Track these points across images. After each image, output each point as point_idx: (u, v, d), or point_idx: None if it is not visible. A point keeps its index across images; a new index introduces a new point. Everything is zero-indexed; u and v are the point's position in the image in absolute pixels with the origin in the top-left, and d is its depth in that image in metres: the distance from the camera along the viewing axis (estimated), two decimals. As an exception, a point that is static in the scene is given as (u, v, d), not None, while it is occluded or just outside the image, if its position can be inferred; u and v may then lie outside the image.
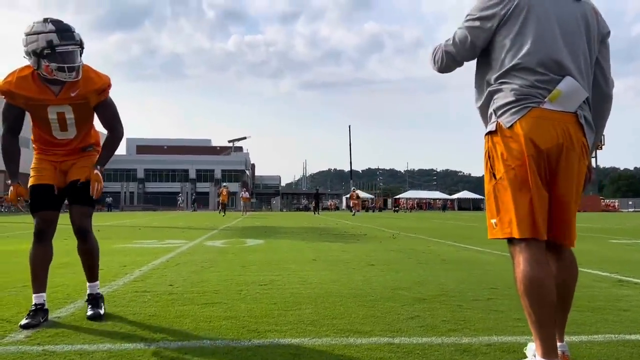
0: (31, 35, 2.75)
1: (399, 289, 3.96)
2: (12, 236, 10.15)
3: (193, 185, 64.33)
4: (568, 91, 1.93)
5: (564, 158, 1.93)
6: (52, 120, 2.93)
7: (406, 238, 9.80)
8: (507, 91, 1.98)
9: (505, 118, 1.95)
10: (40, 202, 2.97)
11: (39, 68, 2.78)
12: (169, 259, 5.93)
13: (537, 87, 1.93)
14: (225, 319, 2.96)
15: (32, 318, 2.79)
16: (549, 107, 1.92)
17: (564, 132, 1.92)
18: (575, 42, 1.99)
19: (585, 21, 2.02)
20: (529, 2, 1.98)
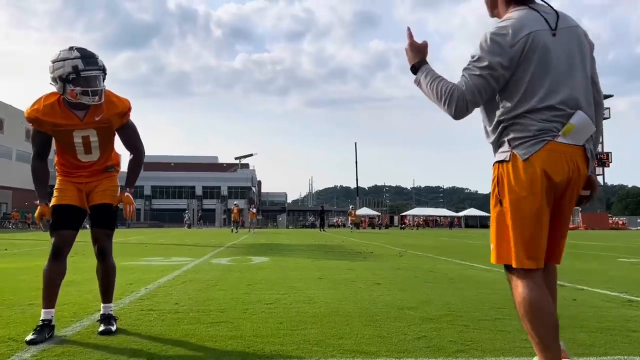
0: (58, 62, 2.90)
1: (405, 308, 3.94)
2: (19, 253, 10.19)
3: (199, 202, 64.42)
4: (580, 125, 1.97)
5: (569, 191, 2.01)
6: (78, 144, 3.05)
7: (413, 256, 9.75)
8: (524, 125, 1.99)
9: (522, 150, 1.97)
10: (61, 221, 3.07)
11: (64, 93, 2.91)
12: (175, 277, 5.93)
13: (553, 122, 1.97)
14: (231, 338, 2.96)
15: (39, 334, 2.82)
16: (562, 141, 1.96)
17: (574, 165, 1.98)
18: (580, 74, 2.03)
19: (581, 47, 2.07)
20: (539, 43, 1.99)
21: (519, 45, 1.98)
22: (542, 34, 2.00)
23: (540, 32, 2.00)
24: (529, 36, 1.98)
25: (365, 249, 12.33)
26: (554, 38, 2.02)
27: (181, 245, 13.90)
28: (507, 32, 1.99)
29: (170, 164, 72.52)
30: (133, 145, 3.23)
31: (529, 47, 1.98)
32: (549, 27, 2.02)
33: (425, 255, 10.11)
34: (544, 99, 1.97)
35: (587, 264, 8.32)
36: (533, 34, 1.99)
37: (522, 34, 1.98)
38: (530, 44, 1.98)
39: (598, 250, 12.36)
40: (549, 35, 2.01)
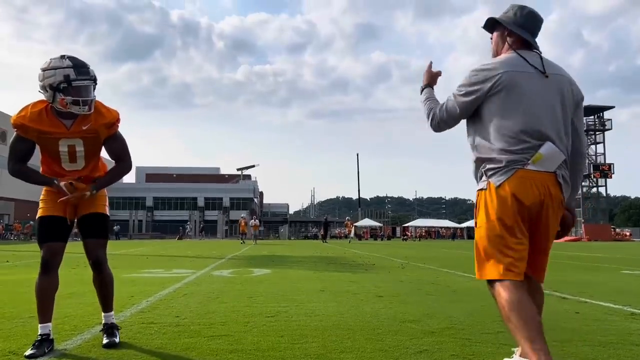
0: (49, 70, 2.87)
1: (407, 321, 3.92)
2: (20, 265, 10.18)
3: (201, 213, 64.43)
4: (548, 154, 2.23)
5: (544, 212, 2.25)
6: (63, 152, 3.00)
7: (415, 268, 9.72)
8: (496, 156, 2.27)
9: (495, 178, 2.26)
10: (48, 233, 3.01)
11: (54, 102, 2.87)
12: (176, 289, 5.92)
13: (522, 153, 2.23)
14: (232, 352, 2.94)
15: (37, 349, 2.80)
16: (532, 168, 2.23)
17: (545, 189, 2.22)
18: (552, 112, 2.29)
19: (561, 92, 2.32)
20: (511, 80, 2.27)
21: (492, 80, 2.28)
22: (517, 74, 2.28)
23: (515, 72, 2.29)
24: (503, 74, 2.28)
25: (367, 260, 12.29)
26: (531, 80, 2.29)
27: (183, 257, 13.88)
28: (485, 69, 2.32)
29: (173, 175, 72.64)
30: (119, 157, 3.17)
31: (500, 84, 2.27)
32: (531, 70, 2.31)
33: (427, 267, 10.07)
34: (515, 133, 2.25)
35: (590, 276, 8.28)
36: (508, 73, 2.28)
37: (496, 72, 2.29)
38: (501, 81, 2.27)
39: (601, 262, 12.31)
40: (526, 77, 2.29)
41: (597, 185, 65.64)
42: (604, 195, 67.64)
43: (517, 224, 2.21)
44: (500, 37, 2.48)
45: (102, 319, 3.19)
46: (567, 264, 11.61)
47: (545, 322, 3.92)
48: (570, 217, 2.43)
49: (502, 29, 2.47)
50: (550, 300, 5.22)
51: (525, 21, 2.40)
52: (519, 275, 2.18)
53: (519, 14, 2.41)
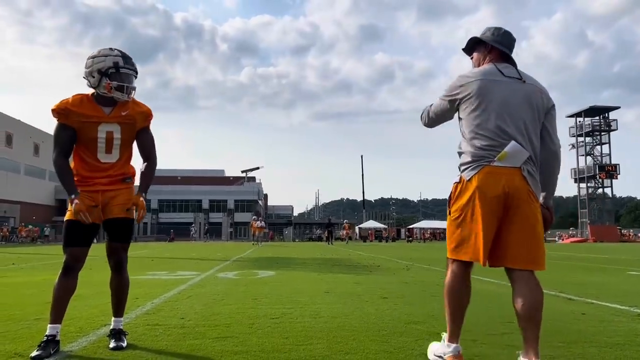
0: (99, 57, 3.07)
1: (412, 322, 3.91)
2: (26, 268, 10.23)
3: (206, 215, 64.52)
4: (512, 152, 2.50)
5: (514, 202, 2.49)
6: (100, 139, 3.09)
7: (420, 269, 9.70)
8: (467, 153, 2.60)
9: (466, 173, 2.59)
10: (74, 238, 3.07)
11: (98, 86, 3.05)
12: (180, 291, 5.93)
13: (489, 150, 2.53)
14: (237, 353, 2.94)
15: (43, 350, 2.82)
16: (498, 164, 2.52)
17: (510, 183, 2.49)
18: (519, 114, 2.56)
19: (529, 98, 2.61)
20: (483, 87, 2.59)
21: (469, 87, 2.63)
22: (489, 82, 2.60)
23: (488, 80, 2.60)
24: (476, 82, 2.61)
25: (372, 262, 12.28)
26: (502, 86, 2.59)
27: (187, 259, 13.90)
28: (464, 76, 2.68)
29: (177, 177, 72.76)
30: (148, 152, 3.29)
31: (475, 90, 2.60)
32: (503, 78, 2.61)
33: (432, 268, 10.05)
34: (483, 133, 2.56)
35: (596, 278, 8.24)
36: (481, 80, 2.60)
37: (471, 79, 2.63)
38: (474, 87, 2.60)
39: (607, 264, 12.25)
40: (498, 84, 2.59)
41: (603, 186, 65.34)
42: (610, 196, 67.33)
43: (480, 214, 2.49)
44: (482, 54, 2.79)
45: (112, 323, 3.21)
46: (572, 265, 11.56)
47: (552, 323, 3.92)
48: (549, 214, 2.66)
49: (484, 47, 2.78)
50: (556, 302, 5.20)
51: (502, 39, 2.74)
52: (471, 257, 2.55)
53: (497, 33, 2.75)
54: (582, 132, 65.53)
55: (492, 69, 2.66)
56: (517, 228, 2.49)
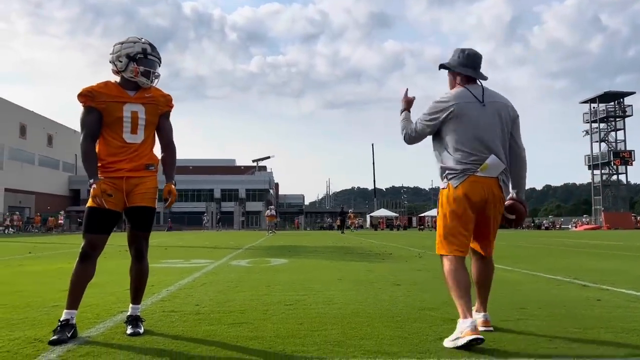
0: (128, 42, 3.21)
1: (426, 309, 3.92)
2: (43, 257, 10.37)
3: (218, 204, 64.88)
4: (492, 164, 2.97)
5: (488, 207, 3.02)
6: (126, 119, 3.14)
7: (432, 257, 9.68)
8: (454, 165, 3.01)
9: (453, 181, 3.01)
10: (94, 225, 3.10)
11: (126, 70, 3.16)
12: (195, 279, 5.98)
13: (472, 163, 2.97)
14: (252, 339, 2.97)
15: (60, 334, 2.87)
16: (480, 174, 2.97)
17: (489, 190, 2.99)
18: (494, 131, 3.03)
19: (499, 114, 3.07)
20: (461, 110, 3.02)
21: (447, 110, 3.05)
22: (465, 105, 3.03)
23: (464, 103, 3.03)
24: (454, 106, 3.03)
25: (384, 250, 12.29)
26: (476, 108, 3.02)
27: (201, 247, 14.02)
28: (442, 101, 3.10)
29: (189, 167, 73.11)
30: (169, 139, 3.38)
31: (453, 113, 3.03)
32: (475, 100, 3.05)
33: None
34: (466, 148, 2.98)
35: (611, 264, 8.17)
36: (458, 104, 3.03)
37: (449, 104, 3.05)
38: (454, 110, 3.02)
39: (622, 250, 12.14)
40: (472, 106, 3.02)
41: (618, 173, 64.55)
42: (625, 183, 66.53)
43: (465, 216, 2.98)
44: (452, 75, 3.25)
45: (129, 310, 3.25)
46: (587, 252, 11.48)
47: (567, 309, 3.90)
48: (522, 208, 3.16)
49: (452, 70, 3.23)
50: (571, 288, 5.18)
51: (466, 61, 3.15)
52: (462, 253, 3.00)
53: (461, 56, 3.17)
54: (596, 118, 64.62)
55: (465, 92, 3.09)
56: (487, 228, 3.11)
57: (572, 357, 2.58)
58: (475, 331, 2.69)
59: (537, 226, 54.12)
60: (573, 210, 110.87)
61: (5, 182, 49.23)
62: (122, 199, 3.17)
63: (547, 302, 4.27)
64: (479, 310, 3.22)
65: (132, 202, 3.18)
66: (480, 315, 3.19)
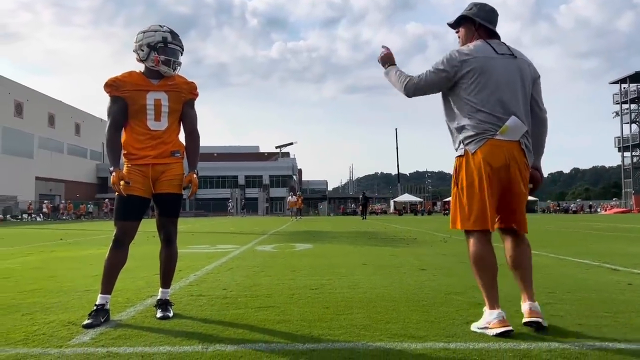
0: (149, 31, 3.21)
1: (452, 293, 3.90)
2: (74, 243, 10.63)
3: (242, 191, 65.42)
4: (513, 126, 2.70)
5: (512, 173, 2.71)
6: (149, 106, 3.18)
7: (458, 242, 9.61)
8: (469, 128, 2.74)
9: (470, 146, 2.73)
10: (125, 212, 3.17)
11: (147, 59, 3.17)
12: (221, 264, 6.06)
13: (492, 126, 2.70)
14: (279, 322, 3.00)
15: (94, 318, 2.95)
16: (500, 138, 2.69)
17: (510, 154, 2.70)
18: (515, 89, 2.75)
19: (521, 72, 2.80)
20: (482, 65, 2.73)
21: (467, 64, 2.74)
22: (487, 59, 2.74)
23: (485, 58, 2.74)
24: (475, 60, 2.74)
25: (408, 235, 12.25)
26: (498, 64, 2.74)
27: (226, 233, 14.18)
28: (461, 53, 2.78)
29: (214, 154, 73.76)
30: (193, 127, 3.36)
31: (473, 68, 2.73)
32: (497, 55, 2.76)
33: (470, 240, 9.94)
34: (485, 109, 2.70)
35: (634, 248, 7.99)
36: (479, 59, 2.73)
37: (470, 57, 2.75)
38: (474, 65, 2.73)
39: (653, 234, 11.84)
40: (494, 62, 2.74)
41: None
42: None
43: (486, 183, 2.67)
44: (468, 29, 2.92)
45: (159, 294, 3.31)
46: (617, 236, 11.24)
47: (597, 293, 3.85)
48: (539, 175, 2.92)
49: (471, 23, 2.91)
50: (600, 272, 5.09)
51: (488, 16, 2.89)
52: (485, 226, 2.69)
53: (483, 10, 2.90)
54: (626, 98, 62.79)
55: (486, 46, 2.80)
56: (512, 196, 2.76)
57: (602, 341, 2.54)
58: (503, 323, 2.59)
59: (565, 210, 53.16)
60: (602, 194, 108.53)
61: (36, 171, 50.48)
62: (149, 186, 3.21)
63: (576, 286, 4.20)
64: (525, 300, 2.81)
65: (158, 189, 3.23)
66: (526, 305, 2.78)
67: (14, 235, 14.40)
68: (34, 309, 3.46)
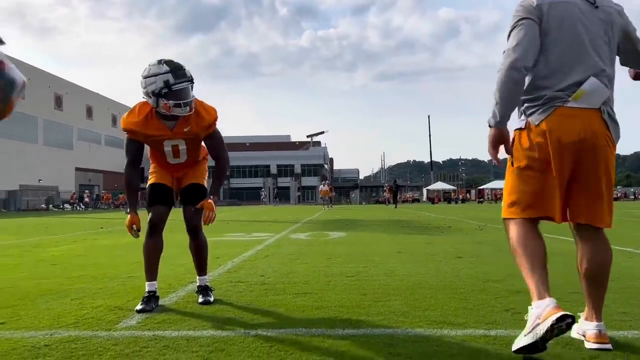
0: (149, 77, 3.01)
1: (490, 281, 3.86)
2: (114, 231, 10.95)
3: (274, 180, 65.93)
4: (591, 90, 2.12)
5: (588, 151, 2.12)
6: (167, 151, 3.26)
7: (494, 230, 9.48)
8: (535, 93, 2.20)
9: (534, 117, 2.18)
10: (156, 198, 3.31)
11: (157, 106, 3.04)
12: (258, 251, 6.15)
13: (563, 89, 2.14)
14: (317, 308, 3.04)
15: (147, 304, 3.06)
16: (573, 105, 2.13)
17: (587, 127, 2.12)
18: (598, 44, 2.18)
19: (606, 23, 2.21)
20: (555, 12, 2.18)
21: (539, 8, 2.17)
22: (561, 5, 2.18)
23: (559, 3, 2.18)
24: (546, 5, 2.18)
25: (442, 223, 12.13)
26: (577, 11, 2.18)
27: (260, 221, 14.35)
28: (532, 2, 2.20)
29: (246, 144, 74.57)
30: (217, 153, 3.32)
31: (546, 14, 2.17)
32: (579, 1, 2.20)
33: (506, 228, 9.79)
34: (555, 67, 2.16)
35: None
36: (553, 4, 2.18)
37: (543, 2, 2.18)
38: (547, 11, 2.17)
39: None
40: (572, 8, 2.18)
41: None
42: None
43: (552, 163, 2.12)
44: None
45: (197, 281, 3.41)
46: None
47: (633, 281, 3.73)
48: None
49: None
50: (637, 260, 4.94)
51: None
52: (546, 214, 2.20)
53: None
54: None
55: None
56: (588, 180, 2.16)
57: (649, 330, 2.48)
58: (559, 308, 2.00)
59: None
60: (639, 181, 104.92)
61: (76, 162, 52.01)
62: (176, 183, 3.42)
63: (619, 274, 4.10)
64: (589, 319, 2.25)
65: (184, 182, 3.39)
66: (592, 326, 2.22)
67: (58, 224, 14.92)
68: (82, 294, 3.60)
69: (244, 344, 2.34)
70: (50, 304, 3.26)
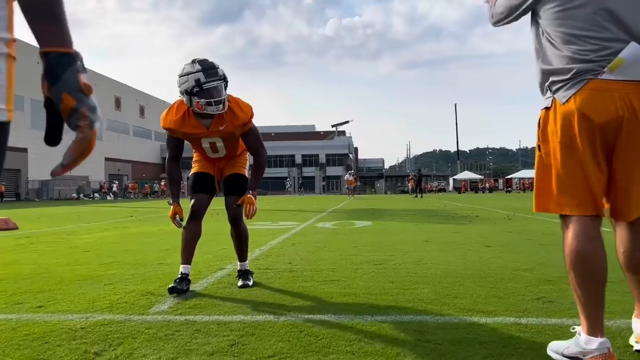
0: (182, 76, 3.10)
1: (520, 270, 3.81)
2: (143, 219, 11.16)
3: (299, 170, 66.12)
4: (632, 58, 1.75)
5: (625, 131, 1.78)
6: (206, 148, 3.36)
7: (523, 219, 9.35)
8: (563, 65, 1.84)
9: (561, 93, 1.85)
10: (199, 186, 3.44)
11: (191, 105, 3.11)
12: (284, 239, 6.20)
13: (596, 58, 1.78)
14: (345, 295, 3.05)
15: (179, 284, 3.15)
16: (609, 77, 1.77)
17: (627, 103, 1.76)
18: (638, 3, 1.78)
19: None
20: None
21: None
22: None
23: None
24: None
25: (469, 212, 12.01)
26: None
27: (286, 210, 14.43)
28: None
29: (271, 134, 74.81)
30: (255, 150, 3.39)
31: None
32: None
33: (536, 218, 9.63)
34: (586, 32, 1.79)
35: None
36: None
37: None
38: None
39: None
40: None
41: None
42: None
43: (586, 148, 1.79)
44: None
45: (238, 266, 3.55)
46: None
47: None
48: None
49: None
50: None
51: None
52: (583, 210, 1.82)
53: None
54: None
55: None
56: (628, 167, 1.82)
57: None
58: (611, 357, 1.76)
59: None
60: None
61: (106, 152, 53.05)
62: (219, 172, 3.54)
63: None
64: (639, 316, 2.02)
65: (225, 173, 3.51)
66: None
67: (89, 213, 15.28)
68: (115, 279, 3.69)
69: (274, 329, 2.37)
70: (85, 289, 3.35)
